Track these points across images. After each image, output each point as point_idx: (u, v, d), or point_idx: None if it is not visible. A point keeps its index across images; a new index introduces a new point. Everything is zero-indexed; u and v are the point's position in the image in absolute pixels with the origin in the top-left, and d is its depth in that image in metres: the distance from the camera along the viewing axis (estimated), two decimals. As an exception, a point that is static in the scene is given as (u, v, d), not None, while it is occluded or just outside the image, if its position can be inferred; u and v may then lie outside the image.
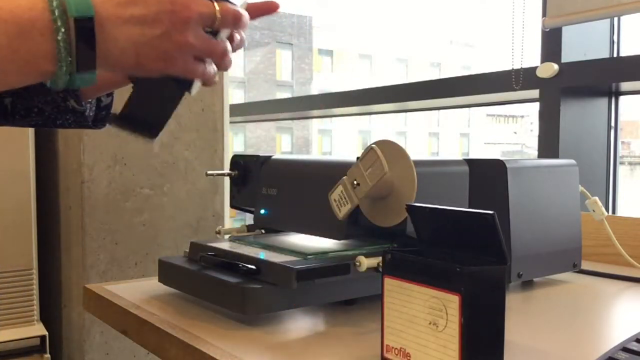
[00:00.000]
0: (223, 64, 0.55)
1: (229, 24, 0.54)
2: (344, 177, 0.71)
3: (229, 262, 0.74)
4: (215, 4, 0.52)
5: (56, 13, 0.46)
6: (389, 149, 0.69)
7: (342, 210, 0.71)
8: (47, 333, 1.38)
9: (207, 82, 0.55)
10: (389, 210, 0.70)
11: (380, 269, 0.66)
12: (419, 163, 0.69)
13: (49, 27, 0.46)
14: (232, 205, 1.01)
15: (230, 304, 0.70)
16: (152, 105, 0.57)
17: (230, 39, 0.56)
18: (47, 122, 0.65)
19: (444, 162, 0.81)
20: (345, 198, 0.70)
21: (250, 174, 0.94)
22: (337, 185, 0.71)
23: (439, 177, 0.77)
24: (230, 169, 0.98)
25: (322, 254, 0.73)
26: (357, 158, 0.71)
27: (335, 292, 0.72)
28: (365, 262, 0.66)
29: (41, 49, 0.46)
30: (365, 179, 0.68)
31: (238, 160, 0.97)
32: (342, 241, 0.79)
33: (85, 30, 0.47)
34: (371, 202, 0.72)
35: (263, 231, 0.93)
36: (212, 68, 0.54)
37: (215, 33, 0.53)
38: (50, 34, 0.46)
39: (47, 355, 1.37)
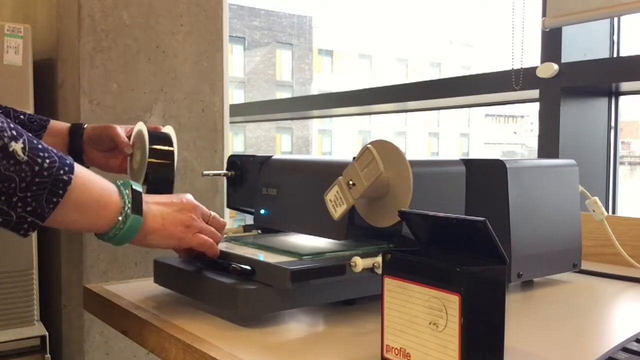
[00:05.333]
0: (217, 241, 0.77)
1: (219, 229, 0.79)
2: (340, 178, 0.70)
3: (223, 262, 0.73)
4: (212, 213, 0.79)
5: (126, 208, 0.69)
6: (385, 149, 0.69)
7: (337, 211, 0.70)
8: (47, 333, 1.38)
9: (209, 251, 0.76)
10: (385, 211, 0.70)
11: (376, 270, 0.66)
12: (415, 163, 0.69)
13: (119, 207, 0.69)
14: (228, 206, 1.00)
15: (225, 304, 0.69)
16: None
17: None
18: None
19: (440, 162, 0.81)
20: (340, 198, 0.69)
21: (247, 174, 0.94)
22: (333, 186, 0.70)
23: (435, 177, 0.77)
24: (227, 169, 0.97)
25: (318, 254, 0.73)
26: (353, 158, 0.70)
27: (331, 292, 0.72)
28: (361, 263, 0.65)
29: (113, 200, 0.68)
30: (361, 179, 0.67)
31: (235, 160, 0.97)
32: (339, 241, 0.79)
33: (137, 194, 0.70)
34: (367, 202, 0.72)
35: (259, 231, 0.93)
36: (211, 245, 0.76)
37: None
38: (118, 210, 0.68)
39: (48, 356, 1.37)
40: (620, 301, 0.84)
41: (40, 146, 0.62)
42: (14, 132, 0.60)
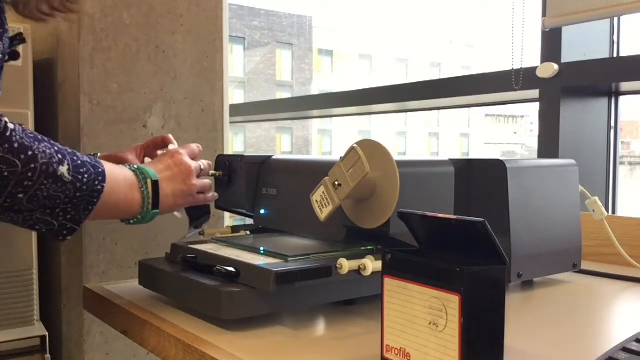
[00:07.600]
0: (211, 191, 0.90)
1: (205, 172, 0.90)
2: (326, 178, 0.69)
3: (207, 264, 0.71)
4: (200, 163, 0.88)
5: (146, 203, 0.78)
6: (372, 149, 0.68)
7: (323, 212, 0.69)
8: (47, 333, 1.38)
9: (208, 202, 0.90)
10: (372, 212, 0.69)
11: (362, 272, 0.65)
12: (402, 163, 0.68)
13: (140, 203, 0.78)
14: (217, 206, 0.99)
15: (208, 307, 0.68)
16: (196, 220, 0.94)
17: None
18: (19, 222, 0.68)
19: (428, 163, 0.80)
20: (327, 199, 0.68)
21: (235, 174, 0.93)
22: (319, 186, 0.69)
23: (423, 177, 0.76)
24: (215, 169, 0.97)
25: (304, 256, 0.71)
26: (340, 158, 0.69)
27: (317, 294, 0.70)
28: (347, 265, 0.64)
29: (136, 198, 0.77)
30: (347, 180, 0.66)
31: (223, 160, 0.96)
32: (327, 243, 0.78)
33: (156, 187, 0.79)
34: (354, 203, 0.71)
35: (248, 232, 0.92)
36: (209, 195, 0.90)
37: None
38: (139, 206, 0.77)
39: (48, 356, 1.37)
40: (620, 301, 0.84)
41: (79, 162, 0.69)
42: (60, 156, 0.67)
